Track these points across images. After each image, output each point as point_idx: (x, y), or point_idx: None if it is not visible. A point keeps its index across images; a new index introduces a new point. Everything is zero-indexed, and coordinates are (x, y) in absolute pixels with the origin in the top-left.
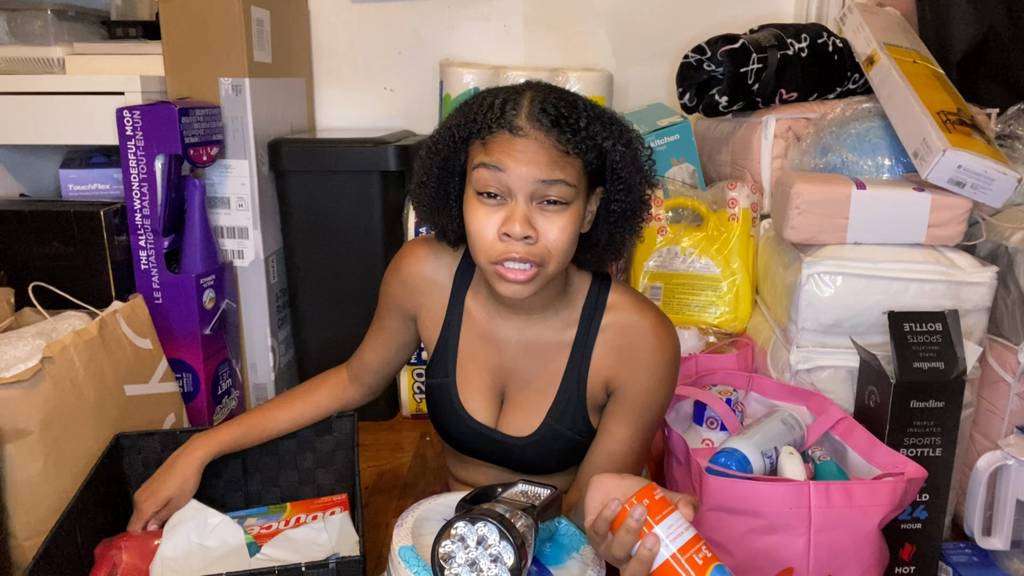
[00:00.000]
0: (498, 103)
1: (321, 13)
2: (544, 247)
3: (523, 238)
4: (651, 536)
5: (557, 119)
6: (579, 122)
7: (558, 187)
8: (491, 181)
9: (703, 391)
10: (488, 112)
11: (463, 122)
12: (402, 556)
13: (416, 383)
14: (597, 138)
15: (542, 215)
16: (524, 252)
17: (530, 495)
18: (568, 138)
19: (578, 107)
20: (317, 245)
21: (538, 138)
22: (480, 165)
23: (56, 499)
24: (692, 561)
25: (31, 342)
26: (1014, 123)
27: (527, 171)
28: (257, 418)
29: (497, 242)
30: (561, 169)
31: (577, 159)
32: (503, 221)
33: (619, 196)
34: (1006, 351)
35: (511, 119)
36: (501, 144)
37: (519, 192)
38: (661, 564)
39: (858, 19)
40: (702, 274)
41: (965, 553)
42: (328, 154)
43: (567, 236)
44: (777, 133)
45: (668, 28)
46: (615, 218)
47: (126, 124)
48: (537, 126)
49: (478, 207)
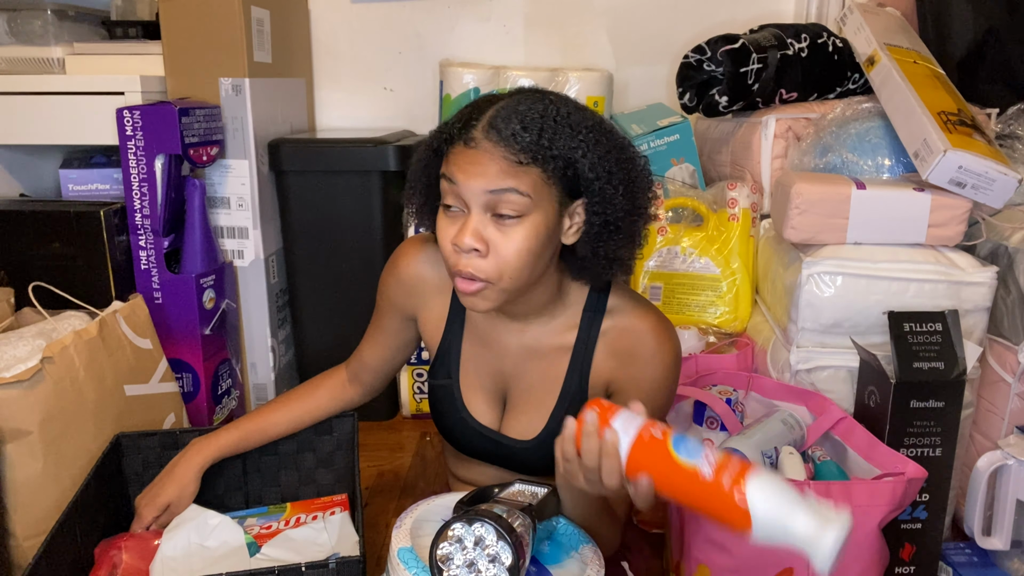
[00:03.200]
0: (465, 114)
1: (321, 13)
2: (494, 262)
3: (471, 250)
4: (608, 431)
5: (511, 132)
6: (540, 132)
7: (509, 196)
8: (448, 193)
9: (703, 391)
10: (455, 124)
11: (439, 132)
12: (401, 558)
13: (416, 383)
14: (557, 148)
15: (498, 228)
16: (473, 267)
17: (528, 495)
18: (521, 148)
19: (544, 116)
20: (317, 245)
21: (488, 149)
22: (441, 176)
23: (56, 499)
24: (652, 439)
25: (31, 342)
26: (1014, 123)
27: (475, 183)
28: (256, 422)
29: (452, 253)
30: (513, 178)
31: (534, 168)
32: (456, 233)
33: (596, 208)
34: (1006, 351)
35: (468, 131)
36: (455, 156)
37: (472, 204)
38: (628, 452)
39: (858, 19)
40: (702, 274)
41: (965, 553)
42: (328, 154)
43: (522, 248)
44: (777, 133)
45: (668, 28)
46: (596, 231)
47: (126, 124)
48: (489, 137)
49: (442, 217)
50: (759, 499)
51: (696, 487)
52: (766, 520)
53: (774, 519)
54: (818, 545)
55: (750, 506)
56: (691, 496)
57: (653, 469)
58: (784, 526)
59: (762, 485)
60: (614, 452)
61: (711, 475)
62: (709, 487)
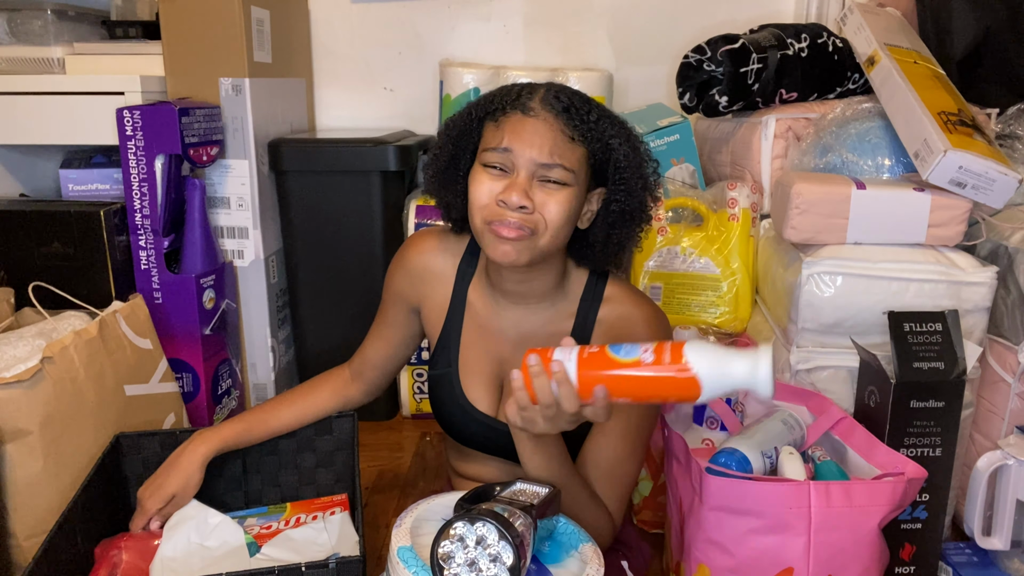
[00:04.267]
0: (516, 89)
1: (321, 13)
2: (540, 217)
3: (519, 208)
4: (554, 363)
5: (568, 106)
6: (589, 114)
7: (557, 171)
8: (497, 158)
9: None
10: (506, 95)
11: (482, 103)
12: (401, 557)
13: (416, 383)
14: (604, 133)
15: (541, 189)
16: (518, 218)
17: (528, 494)
18: (576, 124)
19: (590, 103)
20: (317, 245)
21: (547, 119)
22: (490, 147)
23: (56, 499)
24: (592, 354)
25: (31, 342)
26: (1014, 123)
27: (530, 152)
28: (259, 415)
29: (494, 205)
30: (561, 155)
31: (581, 147)
32: (502, 190)
33: (619, 196)
34: (1006, 351)
35: (525, 101)
36: (512, 123)
37: (521, 168)
38: (576, 372)
39: (859, 20)
40: (702, 274)
41: (965, 553)
42: (328, 154)
43: (564, 211)
44: (777, 133)
45: (668, 28)
46: (613, 218)
47: (126, 124)
48: (548, 108)
49: (483, 176)
50: (699, 361)
51: (644, 376)
52: (710, 377)
53: (716, 374)
54: (757, 376)
55: (694, 370)
56: (642, 386)
57: (603, 378)
58: (724, 375)
59: (697, 349)
60: (565, 378)
61: (652, 358)
62: (654, 370)
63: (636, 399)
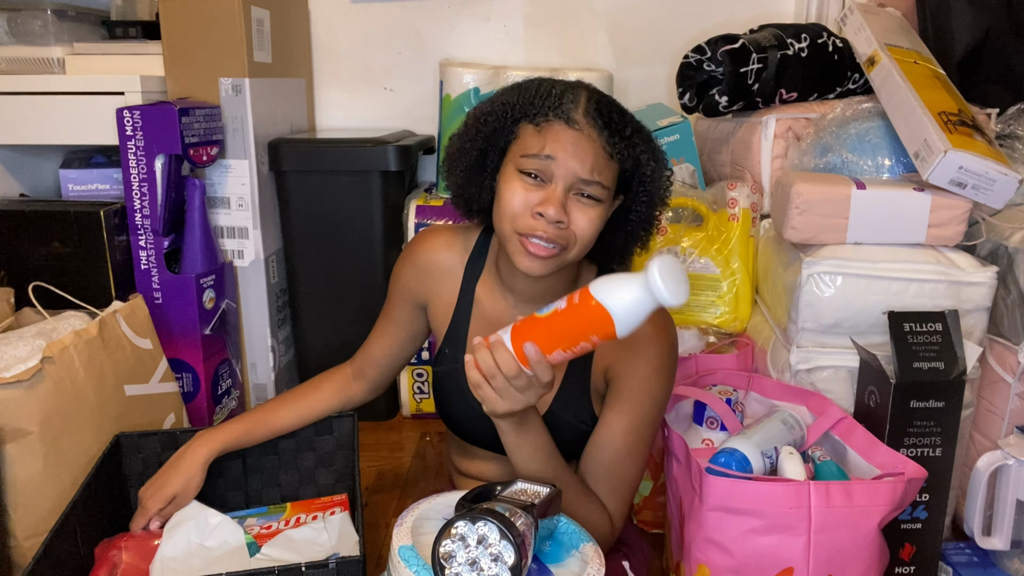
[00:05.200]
0: (556, 92)
1: (321, 13)
2: (572, 232)
3: (555, 222)
4: (492, 336)
5: (610, 121)
6: (626, 129)
7: (595, 188)
8: (535, 165)
9: (703, 391)
10: (547, 98)
11: (519, 102)
12: (402, 556)
13: (416, 383)
14: (636, 148)
15: (576, 204)
16: (553, 234)
17: (530, 493)
18: (616, 141)
19: (626, 115)
20: (317, 245)
21: (591, 135)
22: (529, 153)
23: (56, 499)
24: (522, 320)
25: (31, 342)
26: (1014, 123)
27: (573, 165)
28: (261, 415)
29: (528, 216)
30: (600, 172)
31: (616, 164)
32: (540, 201)
33: (640, 208)
34: (1006, 351)
35: (568, 110)
36: (555, 132)
37: (560, 180)
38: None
39: (859, 20)
40: (702, 274)
41: (965, 553)
42: (328, 154)
43: (595, 228)
44: (777, 133)
45: (668, 28)
46: (632, 227)
47: (126, 124)
48: (592, 123)
49: (517, 182)
50: (602, 292)
51: (561, 322)
52: (616, 304)
53: (619, 300)
54: (654, 285)
55: (600, 299)
56: (562, 331)
57: (530, 335)
58: (626, 297)
59: (601, 282)
60: (502, 345)
61: (565, 305)
62: (569, 313)
63: (565, 347)
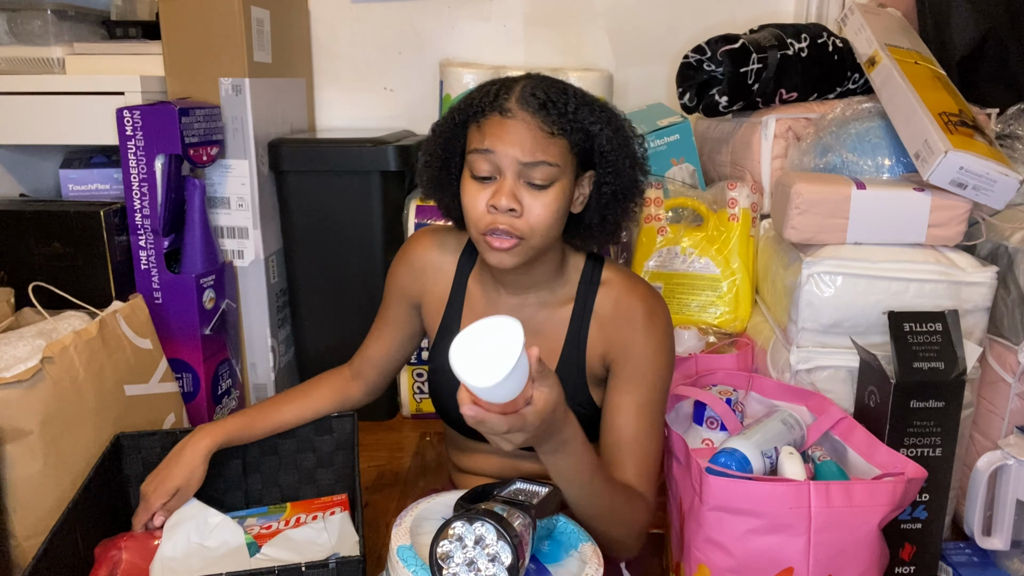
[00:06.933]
0: (493, 89)
1: (321, 13)
2: (527, 222)
3: (508, 211)
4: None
5: (544, 102)
6: (566, 105)
7: (541, 169)
8: (483, 163)
9: (703, 391)
10: (485, 96)
11: (464, 106)
12: (400, 556)
13: (416, 383)
14: (583, 121)
15: (528, 192)
16: (508, 224)
17: (528, 493)
18: (553, 119)
19: (567, 92)
20: (317, 245)
21: (525, 119)
22: (474, 150)
23: (56, 499)
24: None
25: (31, 342)
26: (1014, 123)
27: (512, 151)
28: (260, 411)
29: (485, 214)
30: (543, 151)
31: (562, 139)
32: (491, 195)
33: (608, 179)
34: (1006, 351)
35: (502, 102)
36: (492, 126)
37: (507, 170)
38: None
39: (859, 20)
40: (702, 274)
41: (965, 553)
42: (328, 154)
43: (550, 213)
44: (777, 133)
45: (668, 28)
46: (606, 200)
47: (126, 124)
48: (524, 108)
49: (471, 185)
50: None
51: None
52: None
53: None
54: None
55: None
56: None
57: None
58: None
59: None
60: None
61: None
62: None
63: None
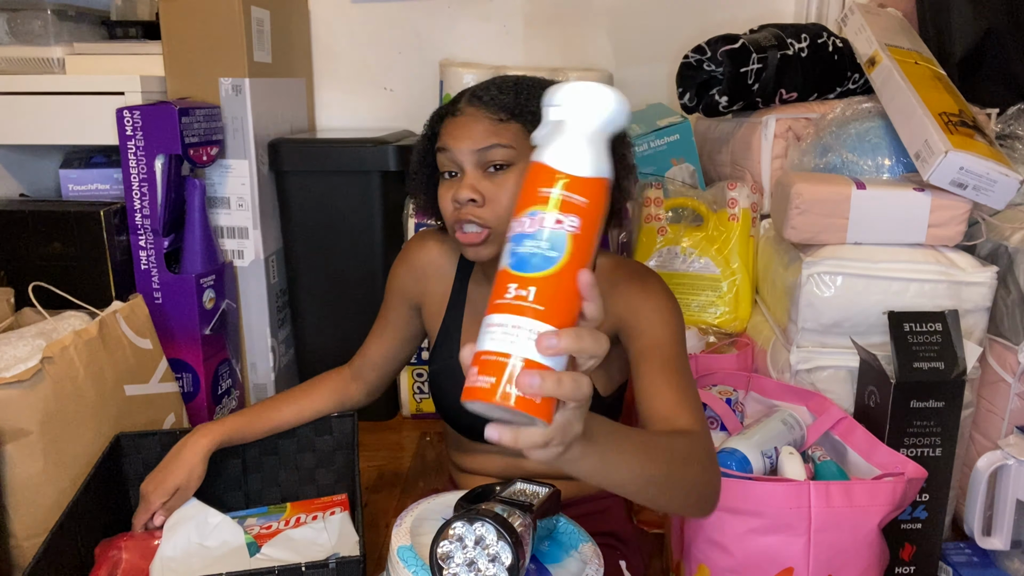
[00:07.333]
0: (455, 97)
1: (321, 13)
2: (492, 211)
3: (469, 201)
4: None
5: (490, 96)
6: (514, 94)
7: (495, 151)
8: (445, 162)
9: (703, 391)
10: (447, 105)
11: (432, 119)
12: (400, 556)
13: (416, 383)
14: (532, 104)
15: (489, 181)
16: (472, 214)
17: (528, 494)
18: (500, 107)
19: (518, 83)
20: (317, 245)
21: (472, 114)
22: (437, 150)
23: (56, 499)
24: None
25: (31, 342)
26: (1014, 123)
27: (464, 145)
28: (260, 410)
29: (452, 211)
30: (496, 135)
31: (514, 123)
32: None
33: None
34: (1006, 351)
35: (455, 104)
36: (446, 126)
37: (465, 163)
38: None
39: (859, 20)
40: (702, 274)
41: (965, 553)
42: (328, 154)
43: (514, 195)
44: (777, 133)
45: (668, 28)
46: None
47: (126, 124)
48: (473, 103)
49: (441, 186)
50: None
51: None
52: (556, 146)
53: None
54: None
55: (542, 158)
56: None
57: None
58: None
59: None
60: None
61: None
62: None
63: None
